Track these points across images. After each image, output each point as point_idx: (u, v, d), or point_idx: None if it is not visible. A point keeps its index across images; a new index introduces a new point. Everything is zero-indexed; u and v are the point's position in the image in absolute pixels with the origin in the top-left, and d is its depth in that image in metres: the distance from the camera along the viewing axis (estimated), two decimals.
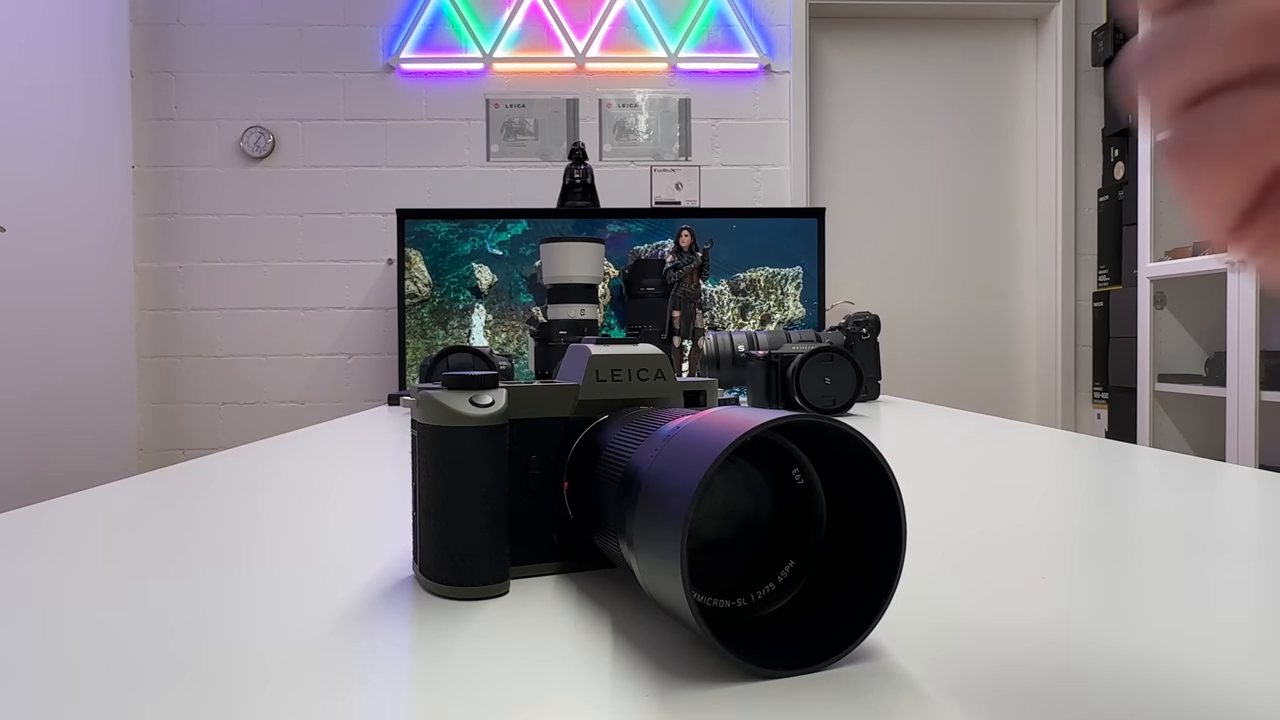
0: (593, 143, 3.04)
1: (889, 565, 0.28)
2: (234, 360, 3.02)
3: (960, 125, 3.25)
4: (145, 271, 3.02)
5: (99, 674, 0.28)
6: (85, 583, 0.38)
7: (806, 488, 0.31)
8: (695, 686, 0.26)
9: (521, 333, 2.61)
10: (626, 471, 0.31)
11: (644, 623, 0.32)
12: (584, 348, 0.39)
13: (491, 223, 2.64)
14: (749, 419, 0.27)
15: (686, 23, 3.06)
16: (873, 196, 3.23)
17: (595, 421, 0.38)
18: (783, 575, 0.31)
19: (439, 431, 0.34)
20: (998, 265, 3.28)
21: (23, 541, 0.46)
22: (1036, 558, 0.43)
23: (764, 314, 2.60)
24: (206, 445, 2.98)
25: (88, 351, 2.69)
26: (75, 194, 2.64)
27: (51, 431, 2.47)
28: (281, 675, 0.27)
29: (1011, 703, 0.25)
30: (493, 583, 0.35)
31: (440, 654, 0.29)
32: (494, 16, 3.04)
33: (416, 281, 2.63)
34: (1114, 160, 3.07)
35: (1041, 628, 0.31)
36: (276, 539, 0.46)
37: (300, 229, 3.03)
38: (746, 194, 3.08)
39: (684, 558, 0.25)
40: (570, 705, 0.25)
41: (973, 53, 3.25)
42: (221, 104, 3.02)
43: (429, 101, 3.05)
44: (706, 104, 3.09)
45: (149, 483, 0.65)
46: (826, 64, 3.21)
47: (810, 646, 0.28)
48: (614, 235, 2.60)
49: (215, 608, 0.35)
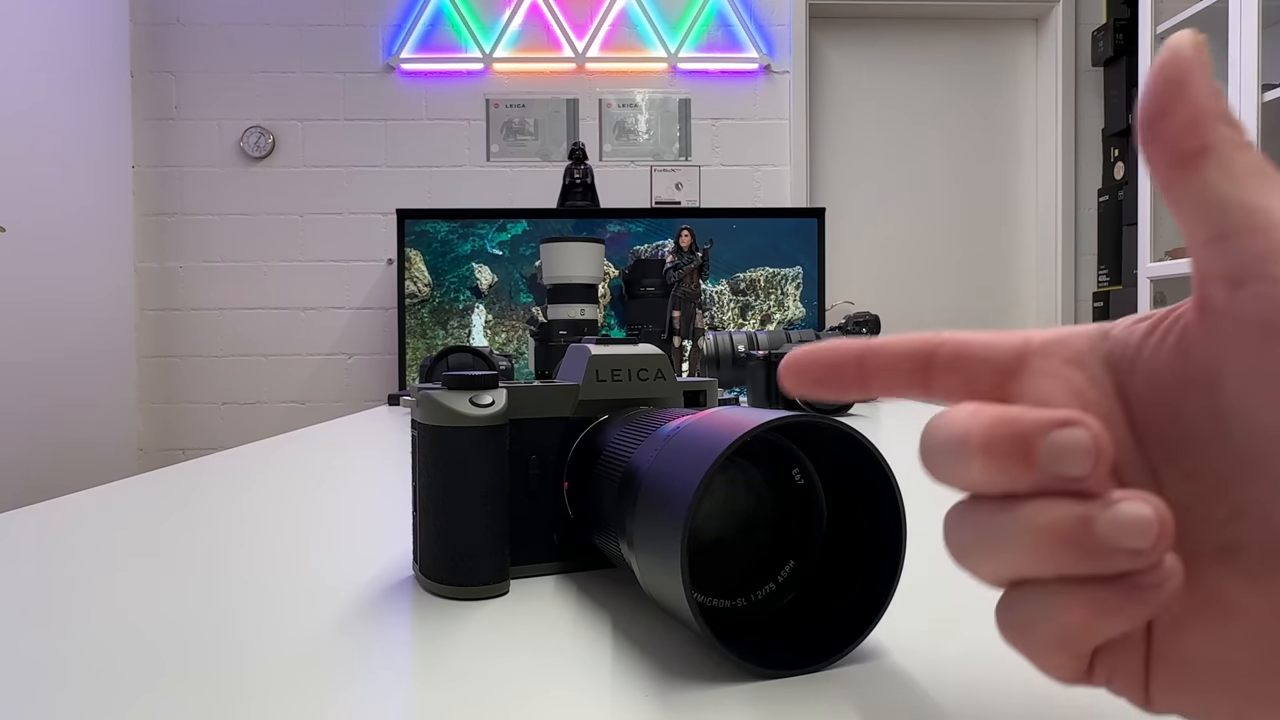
0: (593, 143, 3.04)
1: (889, 565, 0.28)
2: (234, 360, 3.02)
3: (960, 125, 3.25)
4: (145, 271, 3.02)
5: (99, 674, 0.28)
6: (85, 583, 0.38)
7: (807, 488, 0.31)
8: (695, 686, 0.26)
9: (521, 333, 2.61)
10: (626, 471, 0.31)
11: (644, 623, 0.32)
12: (584, 348, 0.39)
13: (491, 223, 2.64)
14: (749, 419, 0.27)
15: (686, 23, 3.06)
16: (873, 196, 3.23)
17: (595, 421, 0.38)
18: (783, 575, 0.31)
19: (439, 431, 0.34)
20: (998, 265, 3.28)
21: (23, 541, 0.46)
22: None
23: (764, 314, 2.60)
24: (206, 445, 2.98)
25: (88, 351, 2.69)
26: (75, 194, 2.64)
27: (51, 432, 2.47)
28: (282, 675, 0.27)
29: (1012, 703, 0.25)
30: (493, 583, 0.35)
31: (440, 653, 0.29)
32: (494, 16, 3.04)
33: (416, 281, 2.63)
34: (1114, 160, 3.07)
35: None
36: (276, 539, 0.46)
37: (300, 229, 3.03)
38: (746, 194, 3.08)
39: (684, 558, 0.25)
40: (570, 705, 0.25)
41: (973, 53, 3.25)
42: (221, 104, 3.02)
43: (429, 101, 3.05)
44: (706, 104, 3.09)
45: (149, 483, 0.65)
46: (826, 64, 3.21)
47: (810, 646, 0.28)
48: (614, 235, 2.59)
49: (215, 607, 0.35)
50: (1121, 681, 0.19)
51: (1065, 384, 0.20)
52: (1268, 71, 2.14)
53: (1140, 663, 0.18)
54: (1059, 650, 0.18)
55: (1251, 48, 2.13)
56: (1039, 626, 0.17)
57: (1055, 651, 0.18)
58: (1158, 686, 0.18)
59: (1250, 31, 2.13)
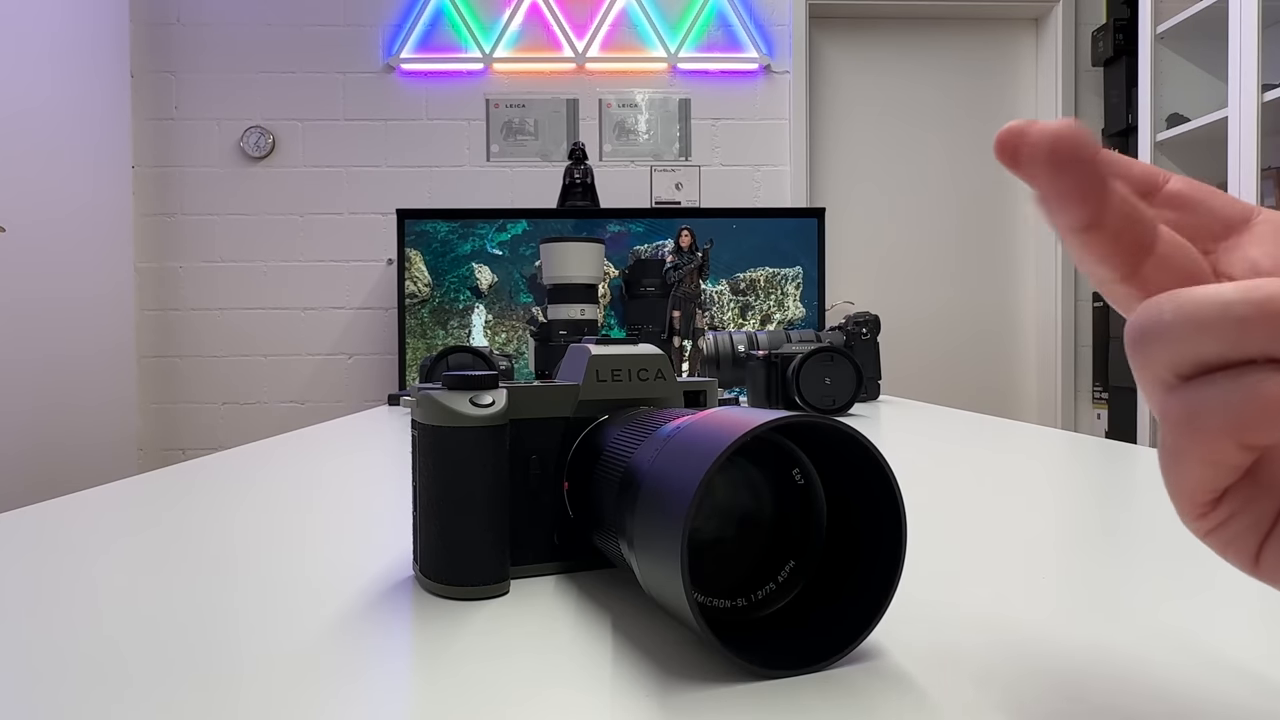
0: (593, 143, 3.04)
1: (889, 565, 0.28)
2: (234, 360, 3.02)
3: (960, 125, 3.25)
4: (145, 271, 3.02)
5: (99, 674, 0.28)
6: (85, 583, 0.38)
7: (807, 488, 0.31)
8: (695, 686, 0.26)
9: (521, 333, 2.61)
10: (627, 471, 0.31)
11: (644, 623, 0.32)
12: (584, 348, 0.39)
13: (491, 223, 2.64)
14: (749, 419, 0.27)
15: (686, 23, 3.05)
16: (873, 196, 3.23)
17: (595, 421, 0.38)
18: (783, 575, 0.31)
19: (439, 431, 0.34)
20: (998, 265, 3.28)
21: (23, 541, 0.46)
22: (1036, 558, 0.43)
23: (764, 314, 2.60)
24: (206, 445, 2.98)
25: (88, 351, 2.69)
26: (75, 194, 2.64)
27: (51, 432, 2.47)
28: (282, 675, 0.27)
29: (1012, 703, 0.25)
30: (493, 583, 0.35)
31: (440, 654, 0.29)
32: (494, 16, 3.04)
33: (416, 281, 2.63)
34: None
35: (1042, 628, 0.31)
36: (276, 539, 0.46)
37: (300, 229, 3.03)
38: (746, 194, 3.08)
39: (684, 558, 0.25)
40: (570, 705, 0.25)
41: (973, 53, 3.25)
42: (221, 104, 3.02)
43: (429, 101, 3.05)
44: (706, 104, 3.09)
45: (149, 483, 0.65)
46: (826, 64, 3.21)
47: (810, 646, 0.28)
48: (614, 235, 2.59)
49: (215, 607, 0.35)
50: (1242, 525, 0.18)
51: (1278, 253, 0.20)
52: (1268, 71, 2.14)
53: (1271, 512, 0.18)
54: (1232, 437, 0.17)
55: (1251, 48, 2.13)
56: (1221, 408, 0.16)
57: (1226, 439, 0.17)
58: (1272, 547, 0.18)
59: (1250, 31, 2.13)
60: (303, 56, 3.03)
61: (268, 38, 3.02)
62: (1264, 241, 0.21)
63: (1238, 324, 0.16)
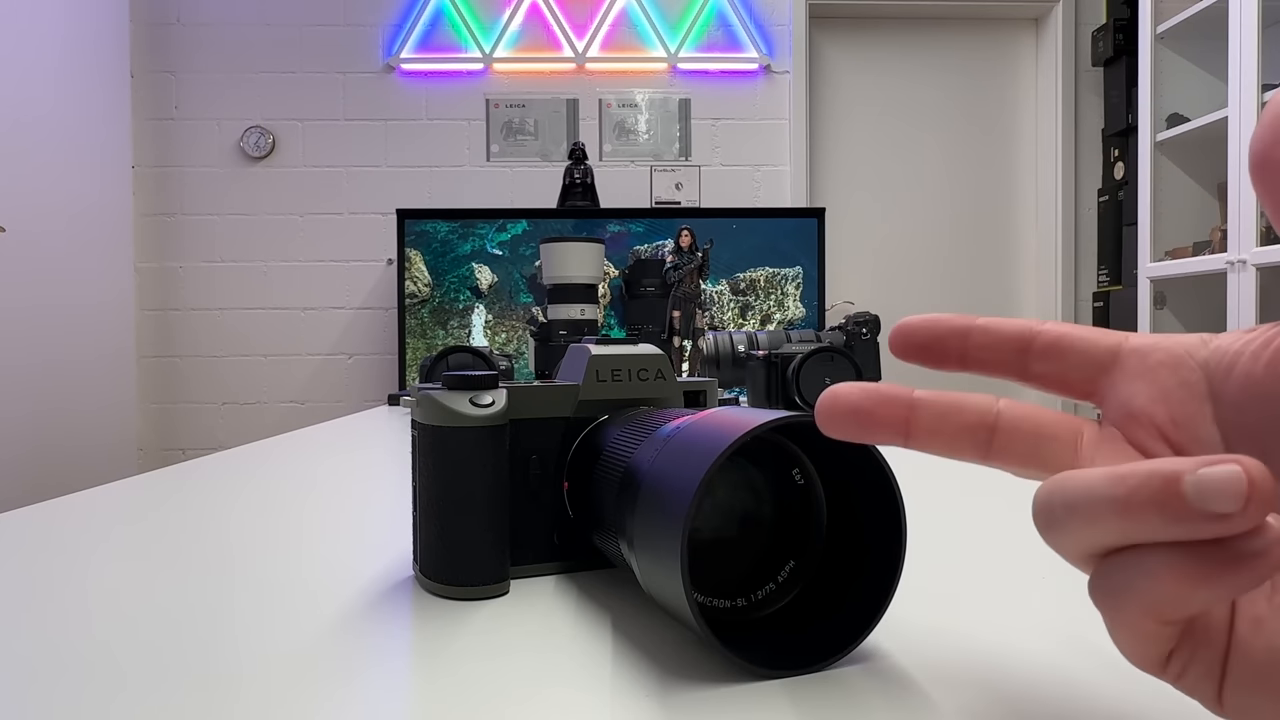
0: (593, 143, 3.04)
1: (889, 565, 0.28)
2: (234, 360, 3.02)
3: (960, 125, 3.25)
4: (145, 271, 3.02)
5: (99, 674, 0.28)
6: (85, 583, 0.38)
7: (807, 488, 0.31)
8: (695, 686, 0.26)
9: (521, 333, 2.61)
10: (626, 471, 0.31)
11: (644, 623, 0.32)
12: (584, 348, 0.39)
13: (491, 223, 2.64)
14: (749, 419, 0.27)
15: (686, 23, 3.05)
16: (873, 196, 3.23)
17: (595, 421, 0.38)
18: (783, 575, 0.31)
19: (439, 431, 0.34)
20: (998, 265, 3.28)
21: (23, 541, 0.46)
22: (1036, 558, 0.43)
23: (764, 314, 2.60)
24: (206, 445, 2.98)
25: (88, 352, 2.69)
26: (75, 194, 2.64)
27: (51, 432, 2.47)
28: (282, 675, 0.27)
29: (1011, 703, 0.25)
30: (493, 583, 0.35)
31: (440, 653, 0.29)
32: (494, 16, 3.04)
33: (416, 281, 2.63)
34: (1114, 160, 3.07)
35: (1041, 628, 0.31)
36: (276, 539, 0.46)
37: (300, 229, 3.03)
38: (746, 194, 3.08)
39: (684, 558, 0.25)
40: (570, 705, 0.25)
41: (973, 53, 3.25)
42: (221, 104, 3.02)
43: (429, 101, 3.05)
44: (706, 104, 3.09)
45: (149, 483, 0.65)
46: (826, 64, 3.21)
47: (810, 646, 0.28)
48: (614, 235, 2.59)
49: (214, 607, 0.35)
50: (1196, 675, 0.18)
51: (1154, 385, 0.20)
52: (1268, 71, 2.14)
53: (1218, 659, 0.18)
54: (1149, 617, 0.17)
55: (1251, 48, 2.13)
56: (1131, 592, 0.17)
57: (1145, 619, 0.17)
58: (1232, 686, 0.18)
59: (1250, 31, 2.14)
60: (302, 56, 3.03)
61: (268, 38, 3.02)
62: (1132, 377, 0.21)
63: (1119, 516, 0.16)
